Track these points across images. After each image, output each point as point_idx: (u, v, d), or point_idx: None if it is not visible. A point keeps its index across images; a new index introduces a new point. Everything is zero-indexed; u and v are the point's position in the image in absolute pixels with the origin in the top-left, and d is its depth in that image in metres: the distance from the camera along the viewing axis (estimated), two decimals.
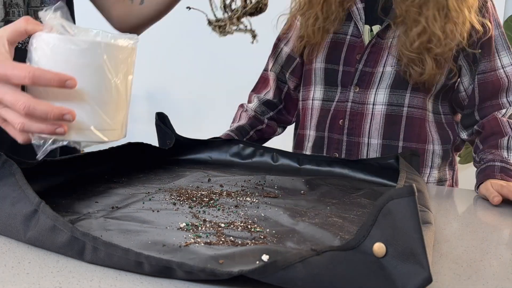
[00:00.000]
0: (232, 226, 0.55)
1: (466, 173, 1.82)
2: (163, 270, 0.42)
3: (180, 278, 0.42)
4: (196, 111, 2.12)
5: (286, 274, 0.38)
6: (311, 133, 1.10)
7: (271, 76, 1.19)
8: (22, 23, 0.55)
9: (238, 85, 2.09)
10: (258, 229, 0.54)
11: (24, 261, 0.45)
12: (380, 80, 1.01)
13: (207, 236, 0.51)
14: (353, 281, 0.38)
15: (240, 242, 0.50)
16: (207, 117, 2.12)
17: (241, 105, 1.22)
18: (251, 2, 0.58)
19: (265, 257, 0.44)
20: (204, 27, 0.60)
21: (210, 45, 2.05)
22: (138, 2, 0.90)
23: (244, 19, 0.60)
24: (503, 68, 0.99)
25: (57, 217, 0.47)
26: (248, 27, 0.61)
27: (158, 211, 0.60)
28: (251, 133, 1.15)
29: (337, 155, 1.04)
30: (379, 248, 0.39)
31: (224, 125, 1.13)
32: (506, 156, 0.91)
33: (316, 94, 1.09)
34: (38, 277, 0.41)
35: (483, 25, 0.97)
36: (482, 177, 0.89)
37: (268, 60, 1.21)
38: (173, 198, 0.66)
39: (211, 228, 0.54)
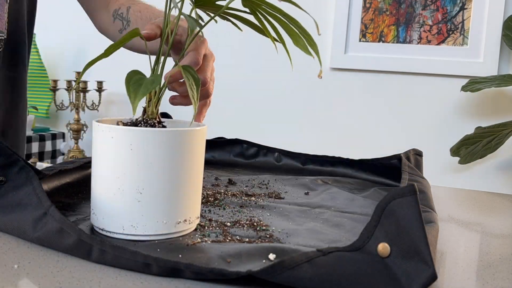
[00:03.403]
0: (237, 225, 0.56)
1: (466, 173, 1.83)
2: (171, 271, 0.42)
3: (188, 278, 0.42)
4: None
5: (293, 274, 0.39)
6: None
7: None
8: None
9: (238, 85, 2.10)
10: (263, 228, 0.56)
11: (24, 261, 0.44)
12: None
13: (215, 235, 0.52)
14: (359, 281, 0.39)
15: (247, 240, 0.51)
16: (207, 117, 2.11)
17: None
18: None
19: (272, 256, 0.45)
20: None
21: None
22: (117, 29, 0.89)
23: None
24: None
25: (65, 220, 0.47)
26: None
27: None
28: None
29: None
30: (383, 248, 0.40)
31: (225, 125, 1.13)
32: None
33: None
34: (38, 277, 0.41)
35: None
36: None
37: None
38: None
39: (217, 228, 0.55)
